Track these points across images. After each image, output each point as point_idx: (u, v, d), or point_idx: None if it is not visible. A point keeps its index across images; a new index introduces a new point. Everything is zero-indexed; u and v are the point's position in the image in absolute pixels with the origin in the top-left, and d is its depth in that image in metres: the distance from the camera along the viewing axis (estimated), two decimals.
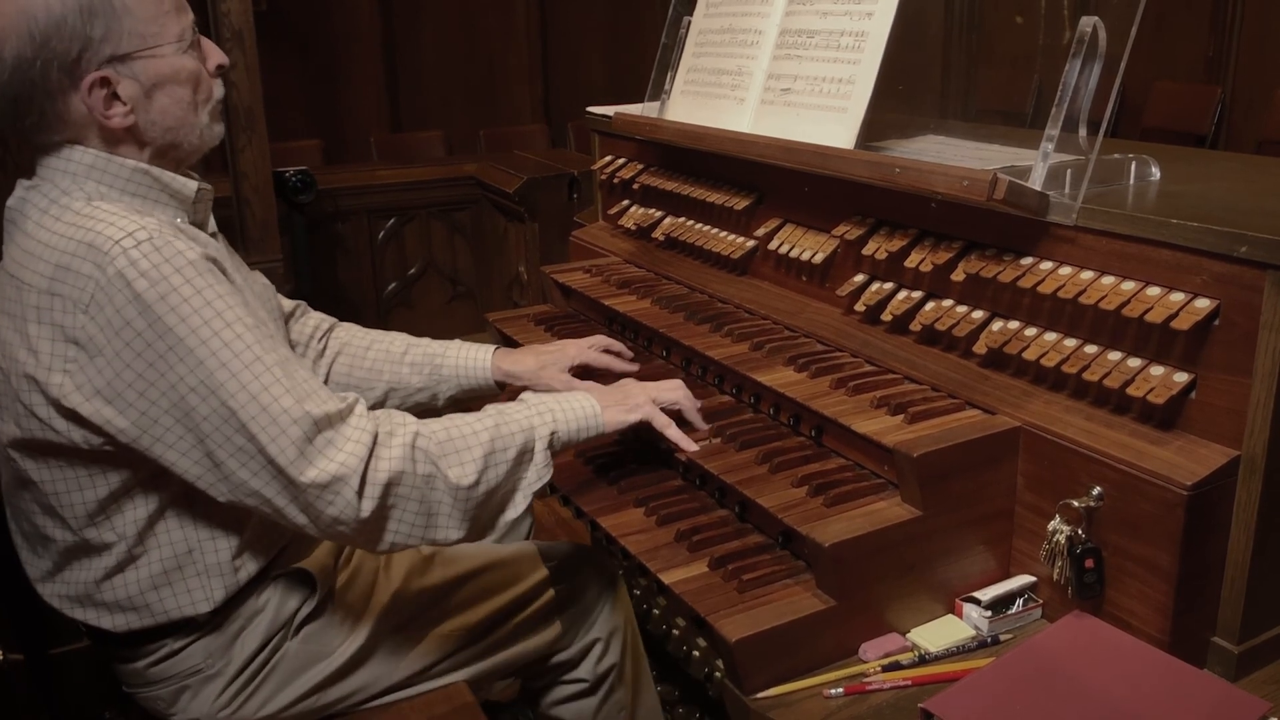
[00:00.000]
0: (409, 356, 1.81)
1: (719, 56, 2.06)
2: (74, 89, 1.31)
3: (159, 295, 1.25)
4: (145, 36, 1.33)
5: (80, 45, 1.29)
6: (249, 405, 1.27)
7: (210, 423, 1.28)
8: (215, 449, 1.29)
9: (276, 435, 1.28)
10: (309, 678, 1.53)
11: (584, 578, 1.73)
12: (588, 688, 1.74)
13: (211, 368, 1.27)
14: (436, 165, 4.94)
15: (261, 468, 1.29)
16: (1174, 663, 1.27)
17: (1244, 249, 1.22)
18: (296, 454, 1.29)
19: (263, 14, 4.81)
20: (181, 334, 1.26)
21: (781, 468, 1.51)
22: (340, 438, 1.32)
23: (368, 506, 1.32)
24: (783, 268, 1.96)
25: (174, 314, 1.26)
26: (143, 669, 1.48)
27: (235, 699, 1.49)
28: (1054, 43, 4.49)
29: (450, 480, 1.38)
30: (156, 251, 1.26)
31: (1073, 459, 1.36)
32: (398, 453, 1.35)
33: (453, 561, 1.68)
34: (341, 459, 1.31)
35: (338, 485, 1.30)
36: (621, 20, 6.82)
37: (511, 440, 1.45)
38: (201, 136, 1.43)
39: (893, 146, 1.85)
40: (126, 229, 1.27)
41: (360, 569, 1.62)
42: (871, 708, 1.29)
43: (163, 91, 1.37)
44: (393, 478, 1.34)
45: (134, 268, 1.25)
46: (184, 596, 1.43)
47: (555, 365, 1.82)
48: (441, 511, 1.39)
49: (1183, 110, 5.24)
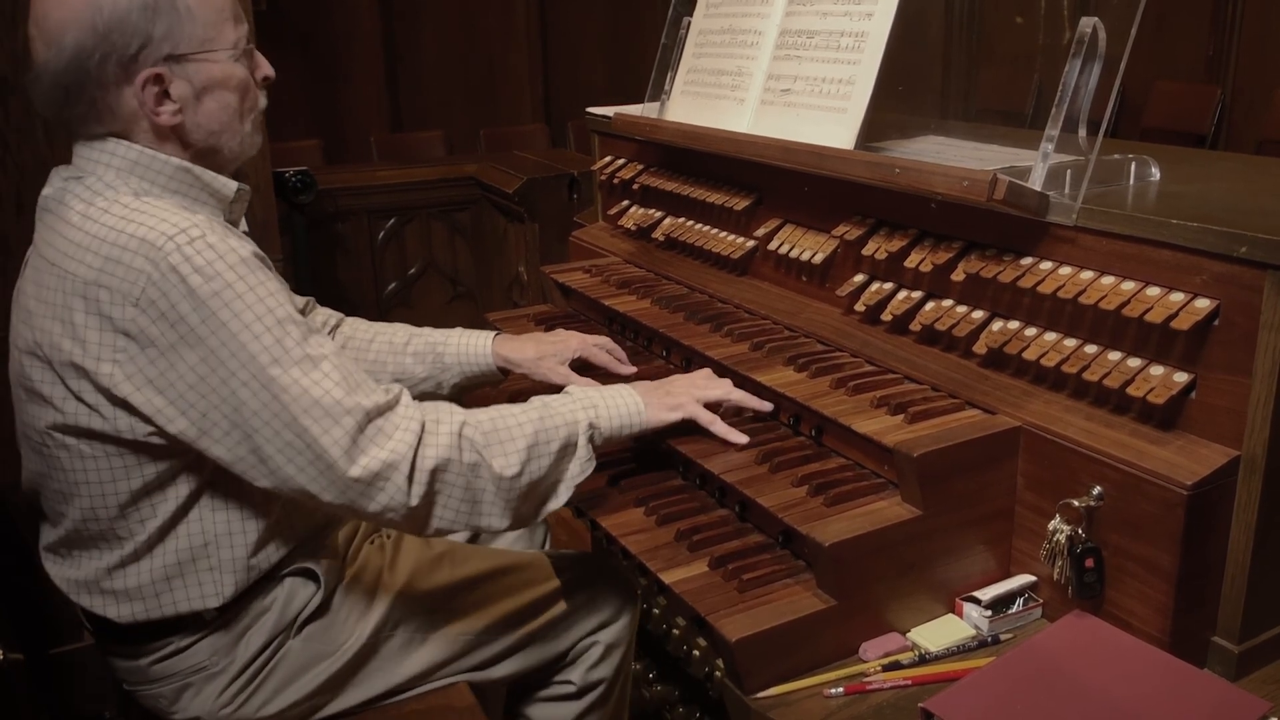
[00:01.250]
0: (411, 346, 1.82)
1: (719, 57, 2.06)
2: (128, 83, 1.33)
3: (213, 291, 1.27)
4: (204, 40, 1.36)
5: (141, 41, 1.31)
6: (301, 398, 1.29)
7: (260, 417, 1.29)
8: (263, 444, 1.30)
9: (330, 427, 1.30)
10: (311, 677, 1.53)
11: (599, 591, 1.72)
12: (573, 692, 1.73)
13: (264, 363, 1.29)
14: (436, 165, 4.94)
15: (309, 463, 1.31)
16: (1174, 662, 1.27)
17: (1244, 249, 1.22)
18: (350, 444, 1.31)
19: (263, 14, 4.81)
20: (235, 329, 1.28)
21: (781, 467, 1.51)
22: (390, 425, 1.34)
23: (416, 493, 1.34)
24: (782, 268, 1.96)
25: (228, 309, 1.28)
26: (146, 666, 1.48)
27: (237, 697, 1.49)
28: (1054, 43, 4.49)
29: (494, 470, 1.39)
30: (210, 248, 1.28)
31: (1073, 459, 1.36)
32: (445, 440, 1.36)
33: (462, 563, 1.68)
34: (392, 446, 1.33)
35: (388, 472, 1.32)
36: (621, 20, 6.83)
37: (555, 434, 1.46)
38: (242, 144, 1.46)
39: (892, 147, 1.85)
40: (180, 225, 1.29)
41: (365, 568, 1.61)
42: (872, 707, 1.29)
43: (211, 96, 1.39)
44: (439, 464, 1.35)
45: (188, 263, 1.27)
46: (194, 589, 1.44)
47: (555, 356, 1.82)
48: (485, 500, 1.40)
49: (1183, 110, 5.24)
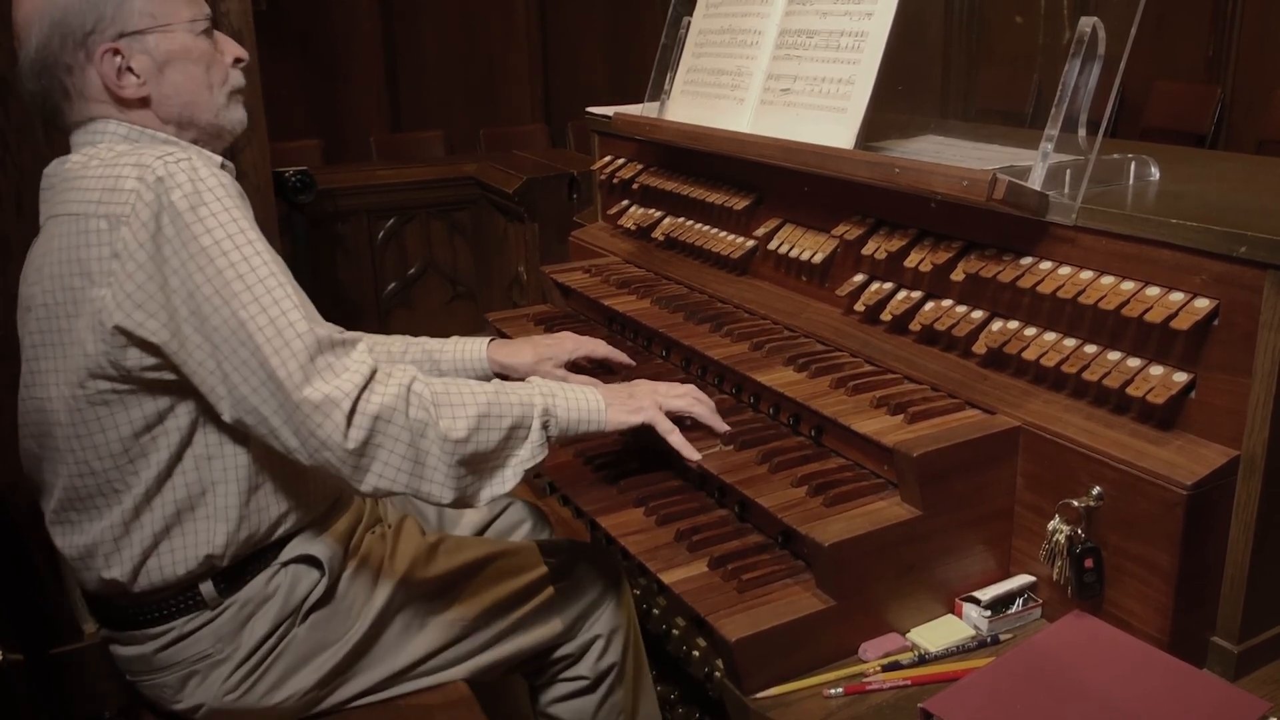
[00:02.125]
0: (409, 355, 1.83)
1: (719, 57, 2.06)
2: (89, 61, 1.40)
3: (189, 205, 1.33)
4: (155, 15, 1.43)
5: (94, 21, 1.39)
6: (259, 317, 1.33)
7: (220, 333, 1.33)
8: (223, 360, 1.34)
9: (280, 348, 1.32)
10: (316, 665, 1.54)
11: (587, 574, 1.73)
12: (587, 685, 1.75)
13: (229, 278, 1.32)
14: (436, 165, 4.94)
15: (262, 383, 1.33)
16: (1174, 662, 1.27)
17: (1244, 249, 1.22)
18: (297, 369, 1.33)
19: (263, 14, 4.81)
20: (205, 244, 1.32)
21: (781, 467, 1.51)
22: (339, 364, 1.36)
23: (355, 436, 1.34)
24: (782, 268, 1.96)
25: (201, 224, 1.33)
26: (150, 655, 1.49)
27: (242, 684, 1.50)
28: (1054, 43, 4.50)
29: (441, 429, 1.39)
30: (195, 171, 1.35)
31: (1072, 459, 1.36)
32: (392, 390, 1.37)
33: (457, 551, 1.69)
34: (337, 383, 1.34)
35: (328, 407, 1.33)
36: (621, 20, 6.83)
37: (508, 409, 1.46)
38: (219, 116, 1.51)
39: (892, 146, 1.85)
40: (172, 154, 1.36)
41: (368, 558, 1.63)
42: (871, 707, 1.29)
43: (174, 67, 1.45)
44: (383, 412, 1.35)
45: (172, 178, 1.33)
46: (191, 538, 1.45)
47: (551, 360, 1.83)
48: (429, 462, 1.39)
49: (1183, 110, 5.24)
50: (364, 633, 1.57)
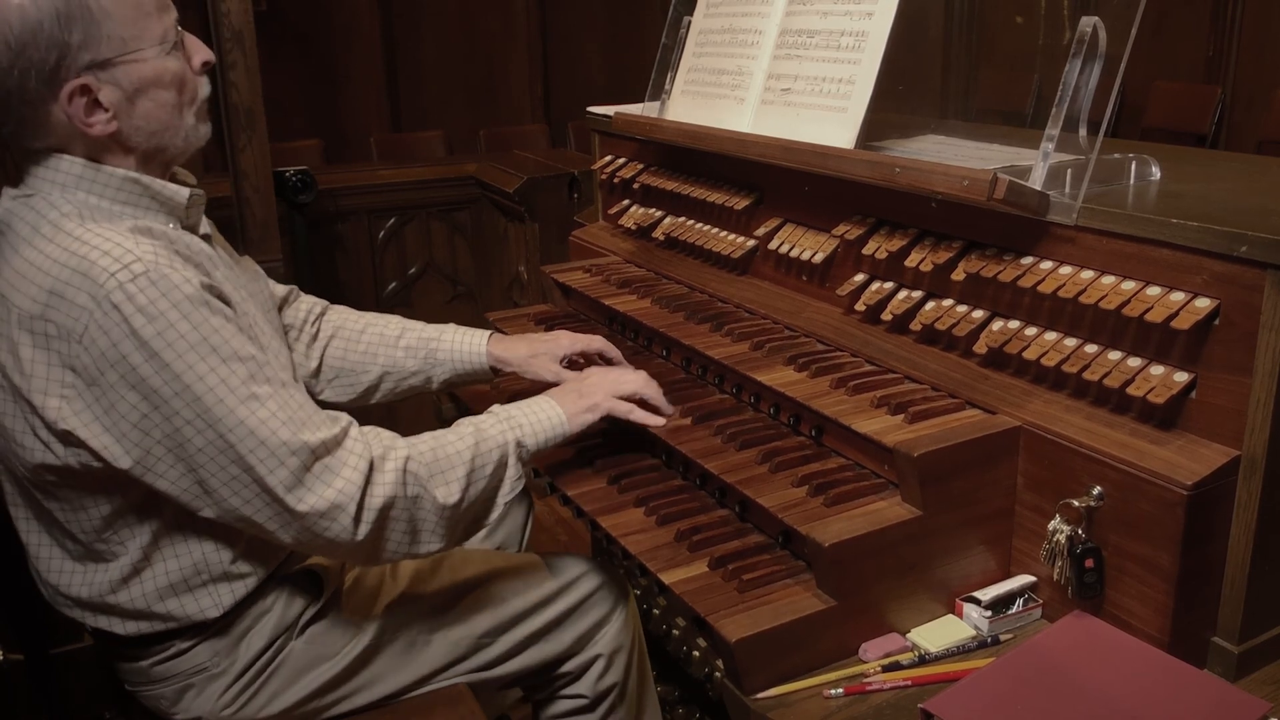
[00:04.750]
0: (404, 340, 1.82)
1: (719, 56, 2.06)
2: (53, 98, 1.27)
3: (156, 332, 1.24)
4: (126, 40, 1.29)
5: (58, 53, 1.25)
6: (247, 439, 1.28)
7: (205, 454, 1.28)
8: (208, 478, 1.30)
9: (275, 467, 1.29)
10: (312, 678, 1.53)
11: (593, 593, 1.73)
12: (587, 704, 1.74)
13: (209, 403, 1.27)
14: (436, 165, 4.94)
15: (255, 496, 1.31)
16: (1174, 663, 1.27)
17: (1244, 249, 1.22)
18: (295, 483, 1.30)
19: (263, 14, 4.82)
20: (178, 370, 1.25)
21: (781, 467, 1.51)
22: (337, 463, 1.33)
23: (363, 531, 1.35)
24: (783, 267, 1.96)
25: (171, 350, 1.25)
26: (147, 668, 1.49)
27: (239, 698, 1.50)
28: (1054, 43, 4.50)
29: (438, 501, 1.41)
30: (153, 285, 1.24)
31: (1073, 459, 1.36)
32: (391, 478, 1.37)
33: (461, 568, 1.68)
34: (339, 485, 1.33)
35: (335, 512, 1.32)
36: (621, 20, 6.82)
37: (490, 456, 1.49)
38: (187, 139, 1.41)
39: (893, 146, 1.85)
40: (122, 260, 1.24)
41: (367, 571, 1.62)
42: (872, 708, 1.29)
43: (146, 96, 1.34)
44: (386, 503, 1.36)
45: (131, 302, 1.23)
46: (192, 605, 1.44)
47: (547, 355, 1.83)
48: (425, 528, 1.42)
49: (1183, 110, 5.24)
50: (363, 647, 1.56)
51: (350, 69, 6.27)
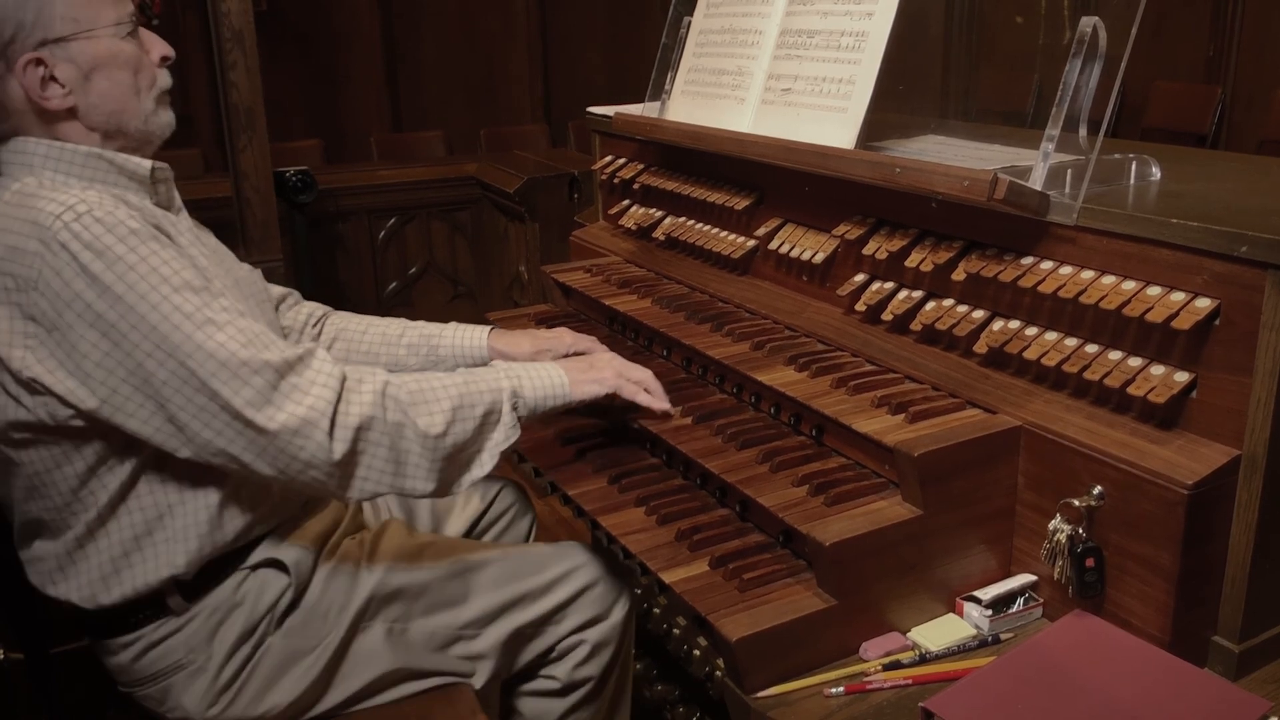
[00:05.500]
0: (405, 338, 1.82)
1: (719, 56, 2.06)
2: (9, 72, 1.34)
3: (105, 265, 1.27)
4: (79, 20, 1.36)
5: (12, 29, 1.32)
6: (207, 363, 1.28)
7: (170, 385, 1.29)
8: (177, 411, 1.30)
9: (240, 388, 1.29)
10: (296, 673, 1.52)
11: (592, 586, 1.72)
12: (557, 689, 1.72)
13: (165, 331, 1.28)
14: (437, 165, 4.94)
15: (226, 425, 1.30)
16: (1174, 662, 1.27)
17: (1244, 249, 1.22)
18: (263, 402, 1.30)
19: (263, 14, 4.82)
20: (131, 301, 1.27)
21: (782, 467, 1.51)
22: (305, 381, 1.33)
23: (339, 449, 1.33)
24: (783, 267, 1.96)
25: (122, 282, 1.27)
26: (128, 664, 1.49)
27: (222, 696, 1.49)
28: (1054, 43, 4.49)
29: (419, 428, 1.39)
30: (98, 223, 1.28)
31: (1073, 458, 1.36)
32: (368, 398, 1.36)
33: (445, 554, 1.67)
34: (310, 402, 1.32)
35: (307, 429, 1.31)
36: (621, 20, 6.82)
37: (479, 398, 1.47)
38: (147, 122, 1.45)
39: (893, 146, 1.85)
40: (66, 203, 1.28)
41: (343, 560, 1.60)
42: (872, 707, 1.29)
43: (101, 74, 1.39)
44: (363, 421, 1.35)
45: (77, 239, 1.26)
46: (152, 561, 1.43)
47: (549, 351, 1.83)
48: (410, 460, 1.40)
49: (1183, 110, 5.24)
50: (341, 638, 1.55)
51: (350, 69, 6.27)
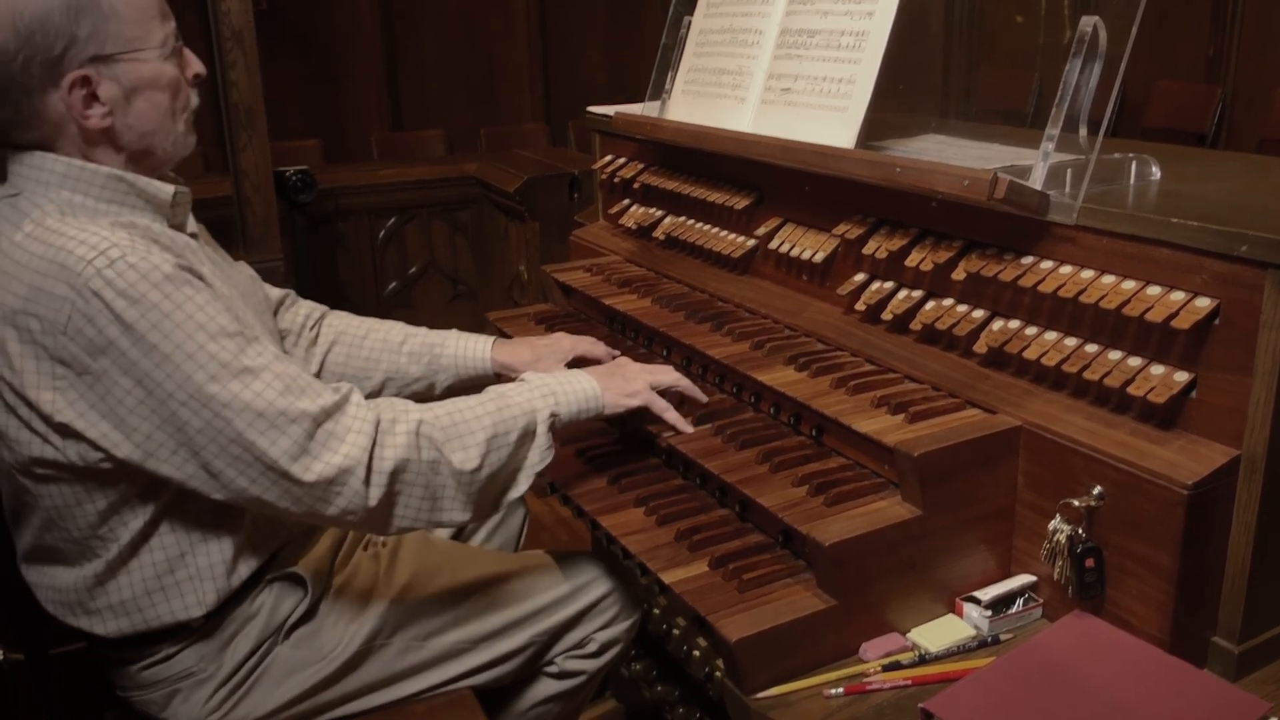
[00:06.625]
0: (407, 346, 1.81)
1: (719, 56, 2.06)
2: (54, 86, 1.29)
3: (139, 313, 1.24)
4: (130, 39, 1.32)
5: (65, 42, 1.28)
6: (244, 413, 1.27)
7: (205, 434, 1.27)
8: (212, 459, 1.28)
9: (276, 438, 1.28)
10: (299, 682, 1.52)
11: (605, 597, 1.72)
12: (554, 673, 1.73)
13: (200, 381, 1.26)
14: (437, 164, 4.94)
15: (261, 474, 1.29)
16: (1174, 662, 1.27)
17: (1244, 248, 1.22)
18: (299, 452, 1.29)
19: (263, 14, 4.81)
20: (167, 350, 1.25)
21: (782, 467, 1.51)
22: (341, 429, 1.32)
23: (375, 495, 1.33)
24: (783, 267, 1.96)
25: (157, 331, 1.24)
26: (135, 673, 1.48)
27: (225, 703, 1.49)
28: (1054, 42, 4.49)
29: (454, 465, 1.38)
30: (132, 269, 1.24)
31: (1073, 458, 1.36)
32: (402, 440, 1.35)
33: (463, 569, 1.67)
34: (345, 450, 1.31)
35: (344, 477, 1.31)
36: (621, 20, 6.82)
37: (514, 423, 1.46)
38: (175, 145, 1.43)
39: (893, 146, 1.85)
40: (98, 247, 1.25)
41: (357, 575, 1.61)
42: (872, 707, 1.29)
43: (142, 96, 1.36)
44: (398, 465, 1.34)
45: (110, 287, 1.23)
46: (176, 601, 1.42)
47: (551, 357, 1.83)
48: (446, 495, 1.39)
49: (1183, 110, 5.24)
50: (353, 652, 1.54)
51: (350, 68, 6.27)
